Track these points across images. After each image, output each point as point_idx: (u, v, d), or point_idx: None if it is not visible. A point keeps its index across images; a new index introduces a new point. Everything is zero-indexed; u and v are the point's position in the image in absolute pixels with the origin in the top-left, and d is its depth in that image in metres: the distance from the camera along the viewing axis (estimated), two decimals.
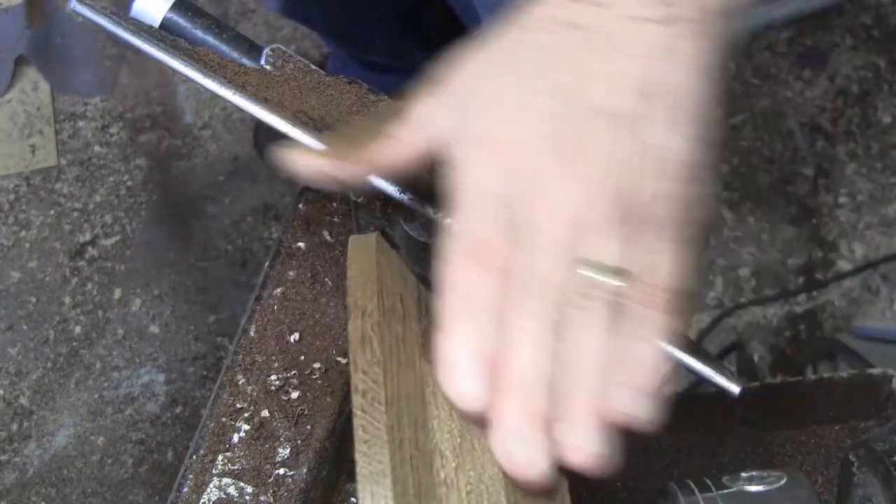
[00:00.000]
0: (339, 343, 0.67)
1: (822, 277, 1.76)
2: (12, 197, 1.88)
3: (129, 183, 1.90)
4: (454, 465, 0.42)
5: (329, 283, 0.70)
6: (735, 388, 0.51)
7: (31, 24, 1.96)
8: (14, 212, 1.86)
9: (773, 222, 1.81)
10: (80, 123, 1.96)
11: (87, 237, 1.83)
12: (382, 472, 0.38)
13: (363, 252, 0.45)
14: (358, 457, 0.38)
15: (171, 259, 1.82)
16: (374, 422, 0.39)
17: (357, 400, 0.39)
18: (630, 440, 0.41)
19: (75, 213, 1.86)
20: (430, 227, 0.61)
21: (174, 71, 0.58)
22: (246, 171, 1.91)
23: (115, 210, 1.85)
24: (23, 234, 1.84)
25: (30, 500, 1.60)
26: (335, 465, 0.65)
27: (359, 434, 0.39)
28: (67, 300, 1.77)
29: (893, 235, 1.79)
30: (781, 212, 1.82)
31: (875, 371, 0.84)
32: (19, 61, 1.98)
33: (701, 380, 0.52)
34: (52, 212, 1.86)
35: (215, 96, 0.57)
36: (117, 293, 1.78)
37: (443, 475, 0.41)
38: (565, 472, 0.43)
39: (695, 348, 0.52)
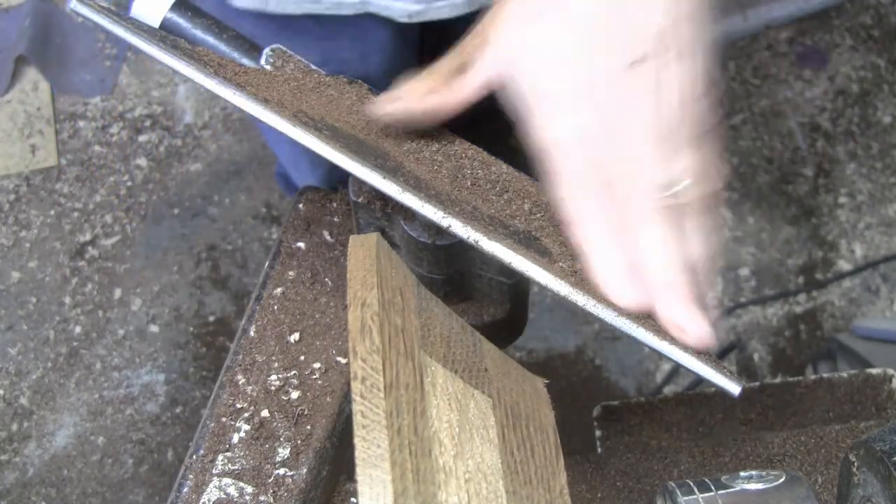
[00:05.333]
0: (340, 343, 0.67)
1: (822, 277, 1.76)
2: (12, 197, 1.88)
3: (129, 183, 1.90)
4: (453, 453, 0.42)
5: (329, 283, 0.70)
6: (735, 388, 0.51)
7: None
8: (14, 212, 1.86)
9: (773, 222, 1.82)
10: (80, 123, 1.96)
11: (87, 237, 1.83)
12: (381, 455, 0.38)
13: (363, 248, 0.46)
14: (357, 441, 0.39)
15: (171, 259, 1.82)
16: (372, 407, 0.39)
17: (356, 387, 0.40)
18: None
19: (75, 213, 1.86)
20: (429, 228, 0.61)
21: (174, 71, 0.58)
22: (246, 171, 1.92)
23: (115, 210, 1.85)
24: (23, 234, 1.84)
25: (30, 500, 1.60)
26: (335, 466, 0.65)
27: (357, 419, 0.39)
28: (67, 300, 1.77)
29: (893, 235, 1.79)
30: (781, 212, 1.82)
31: (875, 371, 0.84)
32: (19, 61, 1.98)
33: (701, 380, 0.52)
34: (52, 212, 1.86)
35: (215, 96, 0.57)
36: (117, 293, 1.79)
37: (441, 462, 0.42)
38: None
39: (695, 348, 0.52)
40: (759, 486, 0.54)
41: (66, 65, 2.01)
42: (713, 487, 0.55)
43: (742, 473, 0.56)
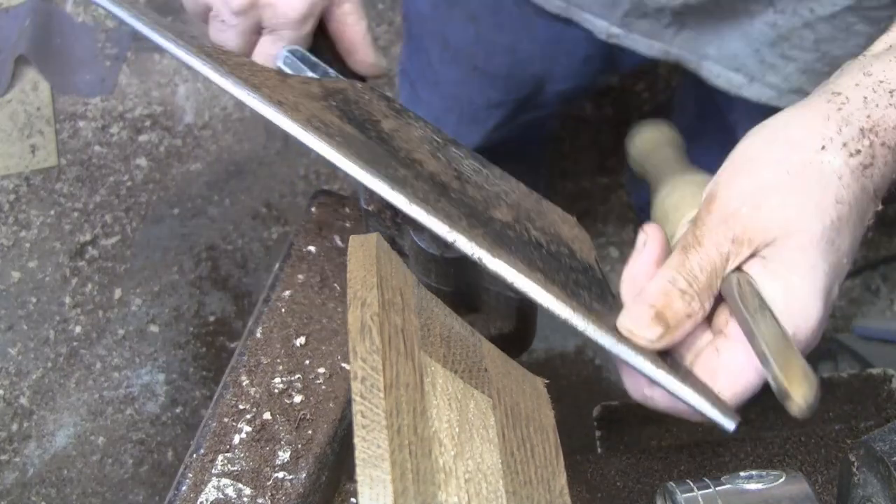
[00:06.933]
0: (345, 349, 0.67)
1: None
2: (12, 197, 1.88)
3: (129, 183, 1.90)
4: (453, 453, 0.42)
5: (338, 288, 0.70)
6: (730, 425, 0.48)
7: None
8: (14, 212, 1.86)
9: None
10: (80, 123, 1.96)
11: (87, 237, 1.83)
12: (381, 456, 0.38)
13: (363, 249, 0.46)
14: (357, 441, 0.39)
15: (171, 259, 1.82)
16: (372, 407, 0.39)
17: (356, 387, 0.40)
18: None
19: (75, 213, 1.86)
20: (438, 239, 0.61)
21: (191, 68, 0.57)
22: (246, 170, 1.92)
23: (115, 210, 1.85)
24: (23, 234, 1.84)
25: (30, 500, 1.60)
26: (335, 471, 0.65)
27: (357, 419, 0.39)
28: (67, 300, 1.77)
29: (893, 235, 1.80)
30: None
31: (875, 371, 0.85)
32: (19, 61, 1.98)
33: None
34: (52, 212, 1.86)
35: (215, 96, 0.57)
36: (117, 293, 1.79)
37: (441, 462, 0.42)
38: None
39: (688, 376, 0.50)
40: (759, 486, 0.55)
41: (66, 65, 2.01)
42: (713, 486, 0.55)
43: (742, 473, 0.56)
